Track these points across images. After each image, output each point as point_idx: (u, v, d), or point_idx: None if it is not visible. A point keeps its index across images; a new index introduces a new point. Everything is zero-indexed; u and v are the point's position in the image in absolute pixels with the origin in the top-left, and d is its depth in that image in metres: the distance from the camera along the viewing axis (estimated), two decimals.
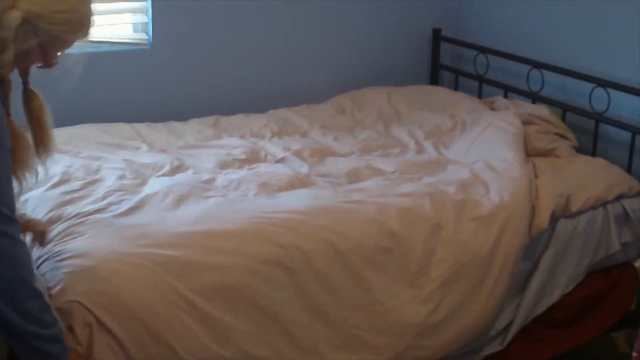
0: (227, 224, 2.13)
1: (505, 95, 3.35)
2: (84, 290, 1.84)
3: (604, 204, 2.60)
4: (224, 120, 3.16)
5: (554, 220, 2.49)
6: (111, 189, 2.35)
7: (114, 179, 2.44)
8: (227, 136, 2.98)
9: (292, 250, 2.09)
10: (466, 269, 2.28)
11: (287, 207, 2.25)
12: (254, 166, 2.66)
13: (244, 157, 2.73)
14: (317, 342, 2.10)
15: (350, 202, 2.34)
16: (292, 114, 3.26)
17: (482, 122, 2.94)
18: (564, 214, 2.52)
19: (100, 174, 2.48)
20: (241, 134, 3.02)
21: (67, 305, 1.81)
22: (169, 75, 3.26)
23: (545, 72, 3.18)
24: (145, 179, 2.48)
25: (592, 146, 3.00)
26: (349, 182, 2.56)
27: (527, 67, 3.25)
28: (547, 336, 2.57)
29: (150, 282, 1.91)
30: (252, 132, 3.04)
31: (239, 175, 2.54)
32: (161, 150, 2.81)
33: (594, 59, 3.07)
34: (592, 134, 2.99)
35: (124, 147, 2.78)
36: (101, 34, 3.10)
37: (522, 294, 2.47)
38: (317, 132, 3.09)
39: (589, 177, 2.65)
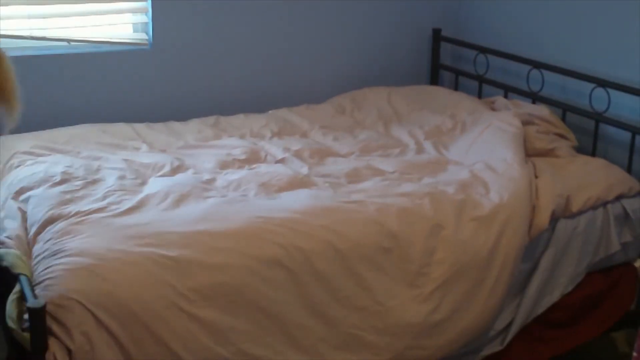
0: (227, 224, 2.13)
1: (505, 95, 3.34)
2: (82, 288, 1.83)
3: (604, 204, 2.60)
4: (224, 120, 3.16)
5: (554, 220, 2.49)
6: (111, 188, 2.35)
7: (114, 178, 2.44)
8: (227, 136, 2.98)
9: (292, 250, 2.09)
10: (466, 269, 2.28)
11: (287, 207, 2.26)
12: (254, 166, 2.66)
13: (244, 157, 2.73)
14: (317, 342, 2.10)
15: (350, 202, 2.34)
16: (292, 114, 3.26)
17: (482, 123, 2.94)
18: (564, 214, 2.52)
19: (100, 174, 2.48)
20: (241, 134, 3.02)
21: (64, 302, 1.80)
22: (169, 75, 3.26)
23: (545, 72, 3.18)
24: (145, 179, 2.49)
25: (592, 146, 2.99)
26: (349, 182, 2.56)
27: (527, 67, 3.25)
28: (547, 336, 2.57)
29: (149, 281, 1.91)
30: (252, 132, 3.04)
31: (239, 175, 2.54)
32: (161, 150, 2.81)
33: (594, 59, 3.07)
34: (592, 134, 2.99)
35: (124, 147, 2.79)
36: (101, 34, 3.11)
37: (522, 294, 2.47)
38: (317, 133, 3.09)
39: (589, 177, 2.65)
